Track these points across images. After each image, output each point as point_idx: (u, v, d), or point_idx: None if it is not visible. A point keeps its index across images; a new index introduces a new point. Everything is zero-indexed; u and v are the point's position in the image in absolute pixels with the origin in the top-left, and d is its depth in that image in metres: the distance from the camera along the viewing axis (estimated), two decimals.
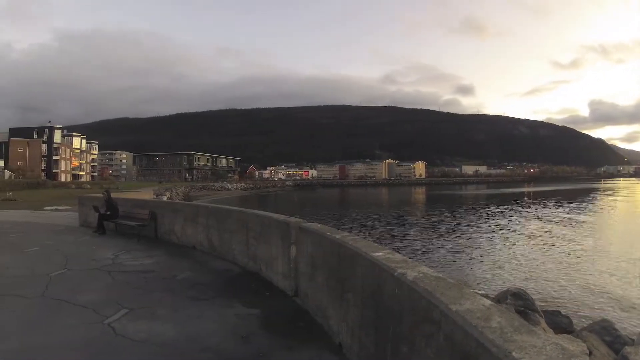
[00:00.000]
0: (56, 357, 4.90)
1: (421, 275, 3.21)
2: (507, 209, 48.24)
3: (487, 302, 2.55)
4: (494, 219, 36.85)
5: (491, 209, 48.53)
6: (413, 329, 3.00)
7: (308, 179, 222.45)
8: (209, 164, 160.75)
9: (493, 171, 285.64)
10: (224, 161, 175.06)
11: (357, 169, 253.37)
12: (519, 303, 5.74)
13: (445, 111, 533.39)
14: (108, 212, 15.59)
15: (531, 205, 52.10)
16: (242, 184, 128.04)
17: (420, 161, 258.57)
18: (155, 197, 42.70)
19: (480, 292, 5.12)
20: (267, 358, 4.82)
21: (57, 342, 5.26)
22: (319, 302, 5.83)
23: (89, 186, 72.95)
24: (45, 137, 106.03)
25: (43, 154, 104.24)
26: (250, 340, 5.29)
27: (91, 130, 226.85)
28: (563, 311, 6.90)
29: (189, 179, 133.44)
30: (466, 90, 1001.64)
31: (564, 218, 36.10)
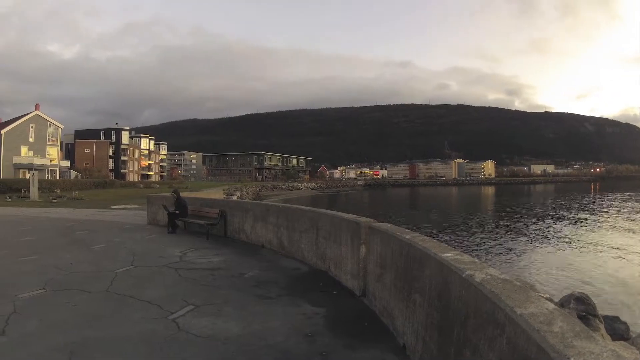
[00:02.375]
0: (116, 350, 5.19)
1: (489, 277, 3.26)
2: (576, 212, 46.78)
3: (551, 306, 2.58)
4: (562, 223, 35.91)
5: (561, 212, 47.02)
6: (477, 331, 3.06)
7: (379, 178, 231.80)
8: (280, 163, 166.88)
9: (560, 170, 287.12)
10: (294, 161, 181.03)
11: (427, 169, 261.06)
12: (581, 308, 5.60)
13: (513, 109, 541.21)
14: (177, 211, 16.38)
15: (602, 210, 49.51)
16: (313, 184, 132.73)
17: (489, 160, 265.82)
18: (225, 196, 44.15)
19: (545, 296, 5.03)
20: (330, 357, 4.99)
21: (118, 336, 5.63)
22: (385, 302, 5.95)
23: (157, 186, 76.79)
24: (113, 139, 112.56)
25: (110, 154, 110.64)
26: (315, 339, 5.49)
27: (159, 132, 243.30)
28: (622, 317, 6.71)
29: (260, 179, 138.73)
30: (527, 92, 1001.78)
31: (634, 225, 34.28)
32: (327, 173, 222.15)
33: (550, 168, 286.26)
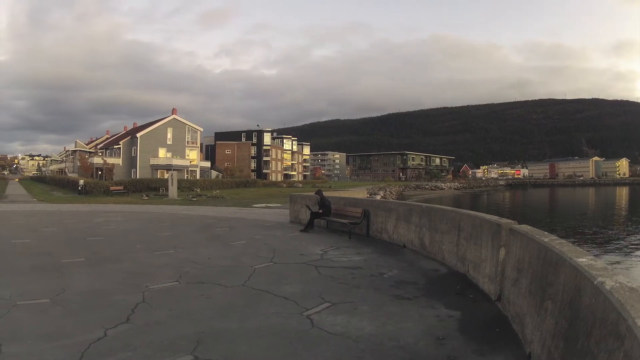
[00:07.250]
0: (244, 342, 5.54)
1: (617, 285, 3.23)
2: None
3: None
4: None
5: None
6: (600, 343, 3.07)
7: (520, 178, 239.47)
8: (423, 163, 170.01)
9: None
10: (437, 160, 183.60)
11: (566, 168, 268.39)
12: None
13: None
14: (320, 210, 17.14)
15: None
16: (456, 184, 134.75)
17: (623, 159, 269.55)
18: (368, 196, 45.03)
19: None
20: None
21: (248, 328, 6.04)
22: (518, 308, 5.90)
23: (300, 185, 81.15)
24: (254, 140, 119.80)
25: (252, 155, 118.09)
26: (445, 342, 5.61)
27: (302, 132, 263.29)
28: None
29: (403, 178, 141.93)
30: None
31: None
32: (470, 172, 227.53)
33: None
